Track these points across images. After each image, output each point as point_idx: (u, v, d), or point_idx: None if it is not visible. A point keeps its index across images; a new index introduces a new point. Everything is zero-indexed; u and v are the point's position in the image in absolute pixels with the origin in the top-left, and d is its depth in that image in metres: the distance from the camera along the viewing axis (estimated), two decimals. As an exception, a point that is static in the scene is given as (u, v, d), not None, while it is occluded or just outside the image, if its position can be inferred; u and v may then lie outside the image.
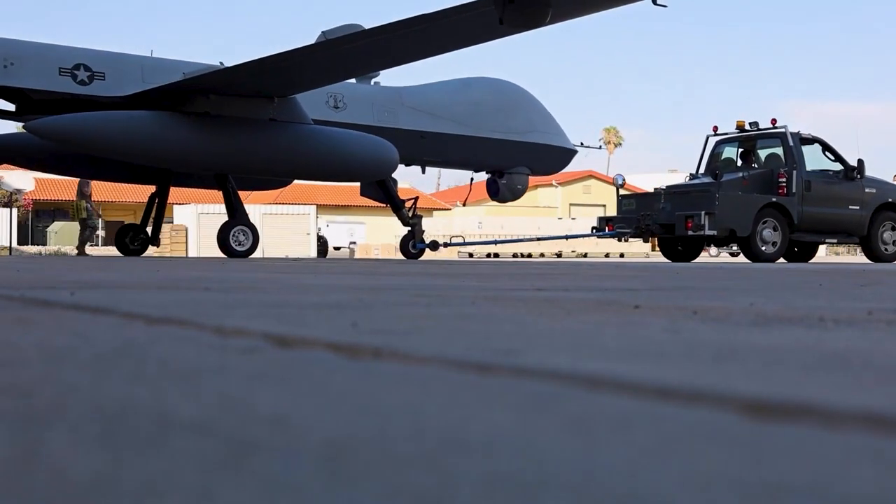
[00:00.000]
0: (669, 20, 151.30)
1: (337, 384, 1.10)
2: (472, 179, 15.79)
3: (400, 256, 15.94)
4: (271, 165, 12.29)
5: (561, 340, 1.63)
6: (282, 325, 1.87)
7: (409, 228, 14.35)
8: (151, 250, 18.25)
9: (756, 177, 14.73)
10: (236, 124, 11.69)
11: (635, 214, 14.82)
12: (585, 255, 34.15)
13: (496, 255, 32.30)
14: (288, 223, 30.62)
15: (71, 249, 30.84)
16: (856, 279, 5.58)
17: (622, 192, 15.61)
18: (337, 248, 35.28)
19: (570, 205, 50.39)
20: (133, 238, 14.19)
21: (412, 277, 4.98)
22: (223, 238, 12.43)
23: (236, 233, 12.42)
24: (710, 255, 37.85)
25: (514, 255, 32.36)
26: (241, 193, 16.27)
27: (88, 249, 18.18)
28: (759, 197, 14.31)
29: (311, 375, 1.18)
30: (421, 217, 14.63)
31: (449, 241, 17.41)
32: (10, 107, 12.22)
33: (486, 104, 14.12)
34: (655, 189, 15.26)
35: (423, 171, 14.91)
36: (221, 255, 17.46)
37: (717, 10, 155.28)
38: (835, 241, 15.52)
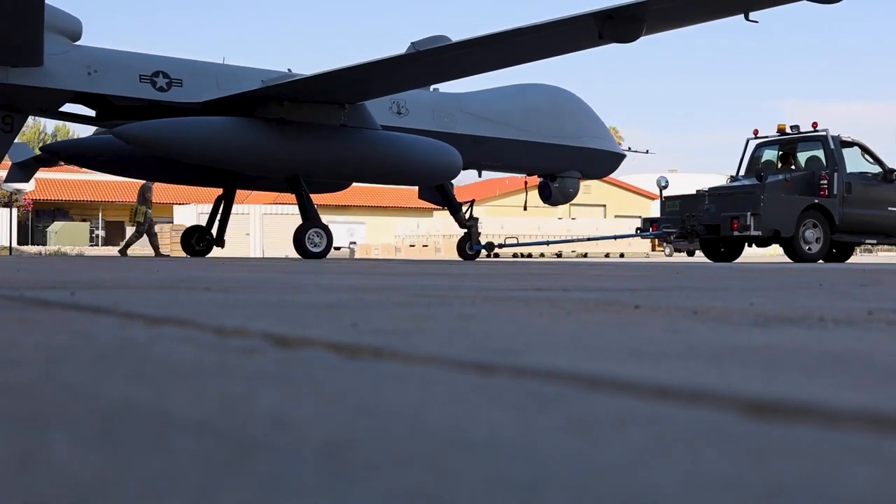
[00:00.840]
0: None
1: (337, 384, 1.10)
2: (525, 183, 16.23)
3: (401, 256, 16.07)
4: (343, 169, 12.78)
5: (561, 340, 1.64)
6: (282, 325, 1.87)
7: (466, 230, 14.70)
8: (151, 250, 18.29)
9: (798, 179, 15.14)
10: (311, 130, 12.12)
11: (679, 215, 15.27)
12: (585, 255, 34.17)
13: (496, 256, 32.31)
14: (288, 223, 30.56)
15: (71, 249, 30.83)
16: (856, 279, 5.58)
17: (665, 193, 16.03)
18: (337, 248, 35.27)
19: (570, 205, 50.34)
20: (199, 240, 14.55)
21: (412, 277, 4.99)
22: (299, 239, 12.71)
23: (312, 234, 12.72)
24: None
25: (514, 256, 32.38)
26: (240, 193, 16.46)
27: (92, 250, 18.30)
28: (802, 198, 14.74)
29: (311, 375, 1.18)
30: (477, 219, 14.98)
31: (503, 243, 17.89)
32: (91, 112, 12.55)
33: (540, 110, 14.52)
34: (698, 191, 15.69)
35: (480, 175, 15.32)
36: (221, 254, 17.50)
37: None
38: (874, 241, 15.98)
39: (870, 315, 2.31)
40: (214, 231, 14.55)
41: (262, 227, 30.22)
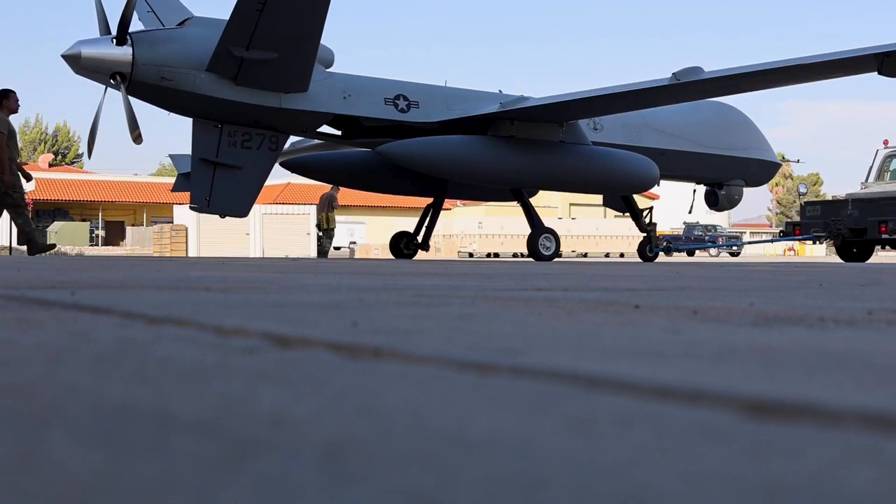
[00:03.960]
0: (667, 21, 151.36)
1: (337, 384, 1.10)
2: (694, 191, 17.48)
3: (407, 257, 16.49)
4: (562, 181, 14.17)
5: (561, 340, 1.63)
6: (282, 325, 1.87)
7: (646, 234, 16.18)
8: (151, 250, 18.41)
9: None
10: (537, 146, 13.43)
11: (820, 220, 16.98)
12: (585, 255, 34.19)
13: (496, 255, 32.34)
14: (288, 223, 30.61)
15: (71, 249, 30.82)
16: (856, 279, 5.58)
17: (805, 199, 17.89)
18: (337, 248, 35.29)
19: (570, 205, 50.34)
20: (407, 244, 15.82)
21: (412, 277, 4.98)
22: (532, 245, 14.18)
23: (543, 239, 14.20)
24: (711, 255, 37.98)
25: (514, 256, 32.39)
26: None
27: (92, 250, 18.60)
28: None
29: (311, 375, 1.18)
30: (656, 224, 16.35)
31: (674, 246, 19.50)
32: (337, 131, 13.91)
33: (712, 124, 15.88)
34: (833, 197, 17.65)
35: (658, 185, 16.54)
36: (222, 254, 17.51)
37: (714, 8, 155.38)
38: None
39: (870, 315, 2.31)
40: (421, 236, 15.85)
41: (262, 227, 30.20)
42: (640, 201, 19.25)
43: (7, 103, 12.06)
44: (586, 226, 39.02)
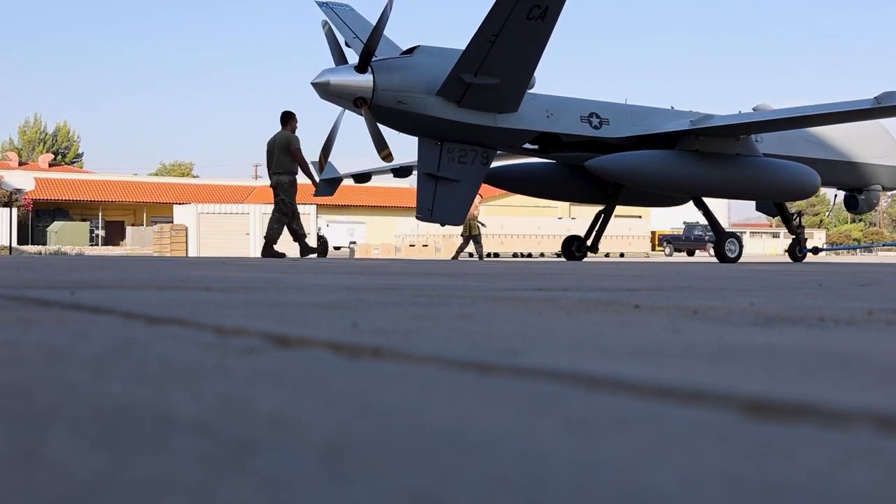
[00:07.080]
0: (667, 22, 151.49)
1: (337, 384, 1.10)
2: (835, 196, 18.58)
3: (401, 256, 16.61)
4: (738, 190, 15.26)
5: (561, 340, 1.63)
6: (282, 325, 1.87)
7: (795, 236, 17.13)
8: (151, 250, 18.44)
9: None
10: (722, 159, 14.52)
11: None
12: (585, 255, 34.12)
13: (496, 255, 32.36)
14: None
15: (71, 249, 30.83)
16: (856, 279, 5.58)
17: None
18: (337, 248, 35.28)
19: (570, 205, 50.31)
20: (578, 247, 17.05)
21: (412, 277, 4.98)
22: (720, 248, 15.36)
23: (728, 243, 15.37)
24: (710, 256, 38.00)
25: (514, 255, 32.41)
26: (242, 191, 17.20)
27: (92, 250, 18.60)
28: None
29: (311, 375, 1.18)
30: (804, 227, 17.32)
31: (823, 246, 20.51)
32: (534, 146, 14.95)
33: (855, 134, 16.93)
34: None
35: None
36: (222, 254, 17.52)
37: (714, 9, 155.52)
38: None
39: (870, 315, 2.31)
40: (590, 240, 16.93)
41: (262, 227, 30.19)
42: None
43: (291, 123, 13.86)
44: (586, 226, 39.02)
